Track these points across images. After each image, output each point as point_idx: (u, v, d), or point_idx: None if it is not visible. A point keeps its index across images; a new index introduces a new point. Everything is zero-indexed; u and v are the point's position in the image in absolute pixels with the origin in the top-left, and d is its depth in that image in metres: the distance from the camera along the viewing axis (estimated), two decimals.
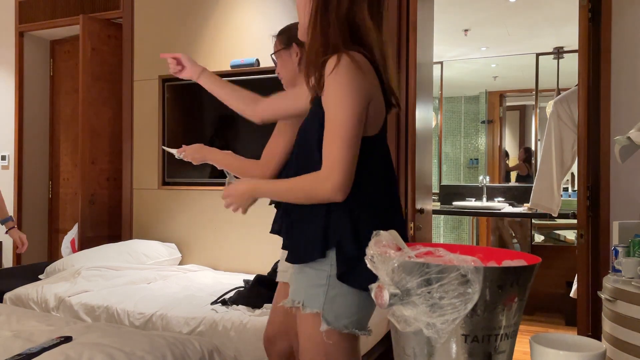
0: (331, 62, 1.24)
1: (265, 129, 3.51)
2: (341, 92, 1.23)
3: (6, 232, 2.87)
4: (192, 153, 1.97)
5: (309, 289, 1.31)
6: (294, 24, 1.97)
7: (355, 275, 1.25)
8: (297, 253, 1.35)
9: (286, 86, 1.99)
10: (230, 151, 2.01)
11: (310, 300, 1.29)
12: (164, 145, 2.16)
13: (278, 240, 2.00)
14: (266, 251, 3.21)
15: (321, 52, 1.29)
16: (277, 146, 1.85)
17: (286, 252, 1.42)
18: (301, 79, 1.66)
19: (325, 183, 1.23)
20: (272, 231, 1.72)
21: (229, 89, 1.76)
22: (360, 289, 1.26)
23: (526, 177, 5.53)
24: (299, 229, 1.35)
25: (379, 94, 1.32)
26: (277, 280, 1.94)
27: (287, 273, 1.78)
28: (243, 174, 1.88)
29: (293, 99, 1.65)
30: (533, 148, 5.50)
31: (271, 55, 2.01)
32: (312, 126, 1.33)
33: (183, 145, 2.00)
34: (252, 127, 1.94)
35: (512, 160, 5.77)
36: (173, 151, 2.03)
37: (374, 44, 1.31)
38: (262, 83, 3.36)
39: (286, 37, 2.00)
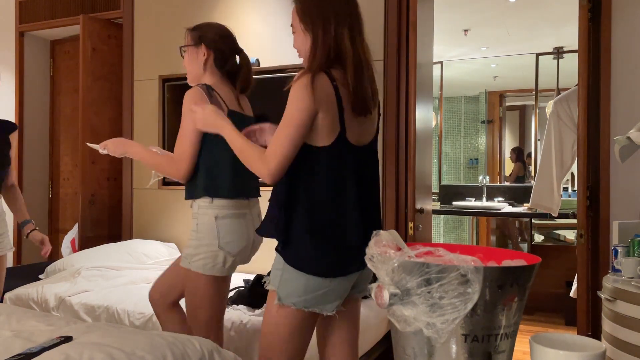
0: (296, 77, 1.55)
1: None
2: (290, 101, 1.54)
3: (26, 236, 2.74)
4: (114, 147, 2.03)
5: (273, 270, 1.63)
6: (209, 24, 2.13)
7: (303, 262, 1.55)
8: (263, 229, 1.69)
9: (191, 81, 2.08)
10: (155, 147, 2.08)
11: (272, 279, 1.62)
12: (89, 143, 2.24)
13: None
14: (266, 251, 3.21)
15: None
16: (191, 145, 1.93)
17: None
18: (205, 78, 2.04)
19: (264, 165, 1.54)
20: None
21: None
22: (308, 273, 1.55)
23: (522, 177, 5.54)
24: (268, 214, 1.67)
25: (331, 111, 1.56)
26: None
27: None
28: (159, 171, 1.99)
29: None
30: (533, 148, 5.50)
31: (180, 47, 2.09)
32: None
33: (105, 140, 2.05)
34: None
35: (511, 161, 5.77)
36: (97, 147, 2.06)
37: (348, 64, 1.59)
38: (262, 83, 3.35)
39: (197, 35, 2.06)
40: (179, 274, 2.03)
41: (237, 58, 2.10)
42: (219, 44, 2.02)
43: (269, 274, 1.68)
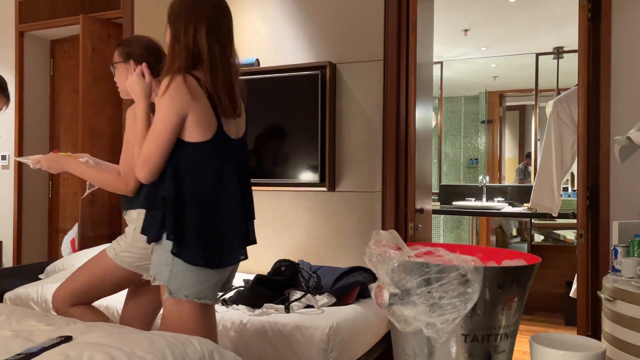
0: (164, 82, 1.62)
1: (263, 128, 3.51)
2: (162, 105, 1.63)
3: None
4: (48, 164, 2.05)
5: (160, 266, 1.68)
6: (137, 38, 2.20)
7: (188, 254, 1.63)
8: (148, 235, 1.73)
9: (122, 95, 2.16)
10: (85, 155, 2.11)
11: (159, 275, 1.68)
12: (17, 157, 2.28)
13: (278, 240, 2.01)
14: (266, 251, 3.21)
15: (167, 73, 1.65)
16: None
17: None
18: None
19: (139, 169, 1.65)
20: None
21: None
22: (202, 266, 1.65)
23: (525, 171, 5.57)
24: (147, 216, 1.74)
25: (204, 108, 1.65)
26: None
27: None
28: (104, 186, 1.99)
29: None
30: (533, 148, 5.50)
31: (110, 65, 2.14)
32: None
33: (39, 155, 2.07)
34: (250, 126, 1.94)
35: (511, 161, 5.78)
36: (27, 161, 2.04)
37: (214, 65, 1.67)
38: (262, 83, 3.36)
39: (125, 52, 2.10)
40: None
41: None
42: (147, 58, 2.03)
43: (269, 273, 1.70)
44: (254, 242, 1.88)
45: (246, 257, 1.80)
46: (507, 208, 4.93)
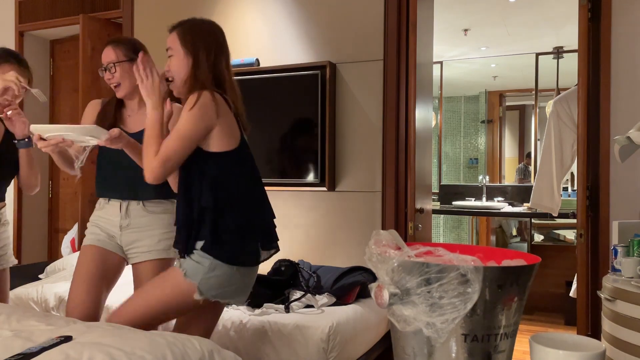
0: (191, 97, 1.69)
1: (263, 128, 3.50)
2: (191, 115, 1.70)
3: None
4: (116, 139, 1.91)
5: (195, 265, 1.74)
6: (129, 38, 2.19)
7: (228, 254, 1.73)
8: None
9: (125, 94, 2.11)
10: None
11: (193, 273, 1.73)
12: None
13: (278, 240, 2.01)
14: None
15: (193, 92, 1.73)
16: None
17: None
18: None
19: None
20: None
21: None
22: (233, 264, 1.74)
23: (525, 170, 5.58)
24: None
25: (231, 121, 1.78)
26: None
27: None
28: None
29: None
30: (533, 148, 5.50)
31: (113, 63, 2.08)
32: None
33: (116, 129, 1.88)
34: (253, 125, 1.95)
35: (511, 161, 5.78)
36: (94, 142, 1.86)
37: (228, 87, 1.82)
38: (262, 83, 3.36)
39: (131, 50, 2.09)
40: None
41: None
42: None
43: (269, 273, 1.73)
44: (277, 238, 1.93)
45: (278, 249, 1.89)
46: (507, 208, 4.94)
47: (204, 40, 1.82)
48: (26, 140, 2.22)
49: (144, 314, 1.78)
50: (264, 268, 2.94)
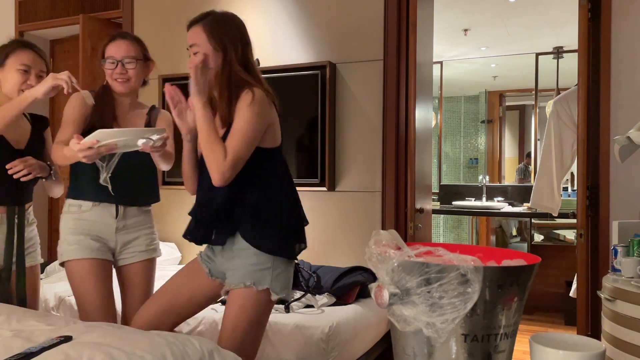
0: (249, 94, 1.66)
1: None
2: (249, 113, 1.66)
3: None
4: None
5: (257, 271, 1.68)
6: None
7: (289, 251, 1.73)
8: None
9: (129, 91, 2.05)
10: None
11: (258, 279, 1.67)
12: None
13: None
14: None
15: (229, 95, 1.71)
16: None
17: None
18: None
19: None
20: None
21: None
22: (292, 259, 1.76)
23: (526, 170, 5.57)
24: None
25: (277, 117, 1.76)
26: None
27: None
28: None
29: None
30: (533, 148, 5.50)
31: (136, 59, 2.02)
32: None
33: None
34: None
35: (511, 161, 5.78)
36: (154, 137, 1.81)
37: (260, 80, 1.78)
38: None
39: (145, 52, 2.07)
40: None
41: None
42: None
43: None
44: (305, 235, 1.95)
45: (306, 246, 1.85)
46: (507, 208, 4.93)
47: (231, 33, 1.77)
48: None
49: (254, 343, 1.74)
50: None
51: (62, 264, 2.03)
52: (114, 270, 2.11)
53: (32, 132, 2.24)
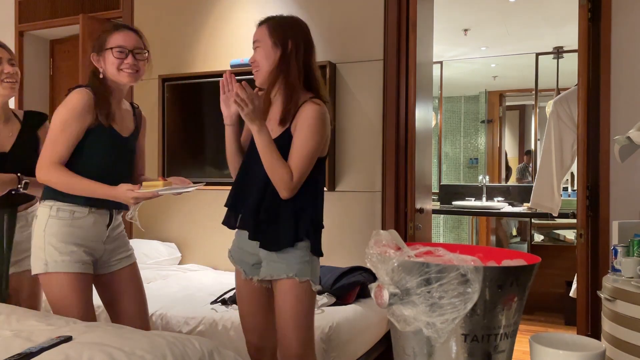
0: (314, 109, 1.75)
1: None
2: (313, 131, 1.77)
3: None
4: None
5: (298, 264, 1.80)
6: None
7: (319, 249, 1.86)
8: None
9: (133, 83, 2.03)
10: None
11: (300, 271, 1.80)
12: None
13: None
14: None
15: (287, 93, 1.79)
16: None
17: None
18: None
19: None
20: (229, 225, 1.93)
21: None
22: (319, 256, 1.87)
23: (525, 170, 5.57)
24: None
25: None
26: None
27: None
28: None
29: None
30: (533, 148, 5.50)
31: (147, 51, 2.02)
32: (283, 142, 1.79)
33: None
34: None
35: (511, 161, 5.78)
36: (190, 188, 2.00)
37: (320, 87, 1.85)
38: None
39: (148, 46, 2.06)
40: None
41: None
42: None
43: None
44: None
45: None
46: (507, 208, 4.93)
47: (293, 33, 1.84)
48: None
49: (310, 338, 1.85)
50: None
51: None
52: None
53: (20, 132, 2.16)
